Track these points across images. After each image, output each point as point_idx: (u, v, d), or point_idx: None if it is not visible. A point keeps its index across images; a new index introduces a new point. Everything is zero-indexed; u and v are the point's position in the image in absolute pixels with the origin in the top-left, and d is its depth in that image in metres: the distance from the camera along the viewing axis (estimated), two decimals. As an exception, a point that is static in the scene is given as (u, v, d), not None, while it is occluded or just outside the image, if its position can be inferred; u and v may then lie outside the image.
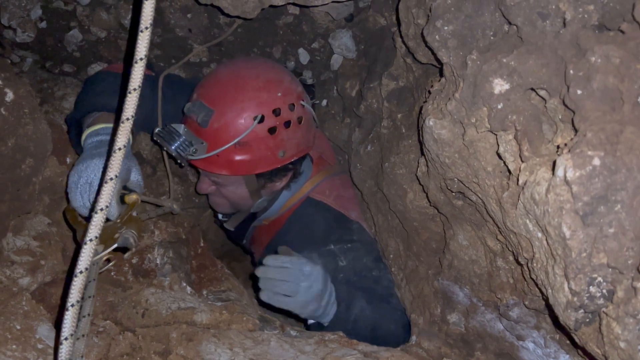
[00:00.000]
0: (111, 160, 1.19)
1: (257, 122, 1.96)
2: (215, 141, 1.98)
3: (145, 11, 1.15)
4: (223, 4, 2.06)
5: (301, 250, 2.16)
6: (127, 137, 1.20)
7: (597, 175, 1.09)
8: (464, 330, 1.90)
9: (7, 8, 2.42)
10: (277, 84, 2.05)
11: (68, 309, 1.15)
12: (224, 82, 2.03)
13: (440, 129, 1.57)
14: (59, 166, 1.91)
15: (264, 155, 2.04)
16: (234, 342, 1.65)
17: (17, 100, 1.65)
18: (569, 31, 1.23)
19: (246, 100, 1.97)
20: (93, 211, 1.20)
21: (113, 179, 1.20)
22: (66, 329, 1.15)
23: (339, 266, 2.19)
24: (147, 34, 1.16)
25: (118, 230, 1.59)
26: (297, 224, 2.33)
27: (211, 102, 1.98)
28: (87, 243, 1.18)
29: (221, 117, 1.96)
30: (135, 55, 1.17)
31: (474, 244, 1.80)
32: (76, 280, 1.16)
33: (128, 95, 1.18)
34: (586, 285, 1.15)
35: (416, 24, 1.82)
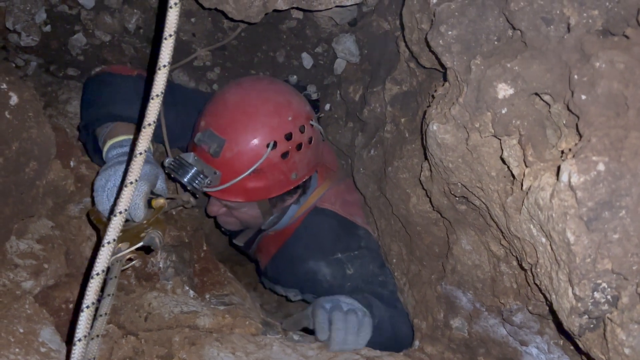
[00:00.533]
0: (132, 165, 1.20)
1: (270, 149, 1.95)
2: (229, 170, 1.96)
3: (170, 19, 1.16)
4: (227, 8, 2.06)
5: (309, 260, 2.22)
6: (148, 142, 1.21)
7: (601, 181, 1.08)
8: (467, 335, 1.90)
9: (12, 12, 2.42)
10: (287, 107, 2.04)
11: (83, 310, 1.14)
12: (234, 109, 2.00)
13: (444, 133, 1.57)
14: (62, 170, 1.91)
15: (278, 179, 2.05)
16: (237, 346, 1.65)
17: (22, 103, 1.65)
18: (573, 36, 1.23)
19: (258, 127, 1.96)
20: (112, 214, 1.21)
21: (133, 183, 1.20)
22: (80, 330, 1.14)
23: (347, 274, 2.21)
24: (171, 42, 1.18)
25: (145, 230, 1.60)
26: (304, 234, 2.32)
27: (222, 130, 1.95)
28: (105, 245, 1.18)
29: (234, 146, 1.94)
30: (159, 61, 1.18)
31: (477, 249, 1.79)
32: (92, 281, 1.16)
33: (151, 101, 1.19)
34: (590, 291, 1.15)
35: (420, 28, 1.82)
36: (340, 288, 2.18)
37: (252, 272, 3.26)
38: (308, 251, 2.26)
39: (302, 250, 2.28)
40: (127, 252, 1.53)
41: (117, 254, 1.50)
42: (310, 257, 2.23)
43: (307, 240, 2.30)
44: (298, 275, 2.32)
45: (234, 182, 1.95)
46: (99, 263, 1.17)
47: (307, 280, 2.29)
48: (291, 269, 2.34)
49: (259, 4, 2.04)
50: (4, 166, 1.57)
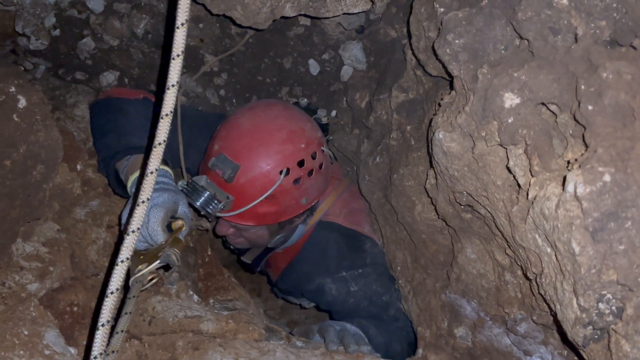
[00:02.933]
0: (143, 184, 1.21)
1: (283, 176, 1.99)
2: (242, 196, 2.00)
3: (177, 39, 1.17)
4: (235, 14, 2.07)
5: (316, 278, 2.28)
6: (159, 162, 1.22)
7: (607, 192, 1.08)
8: (471, 345, 1.89)
9: (21, 16, 2.44)
10: (300, 134, 2.08)
11: (99, 329, 1.14)
12: (248, 134, 2.03)
13: (450, 142, 1.57)
14: (69, 173, 1.92)
15: (289, 204, 2.09)
16: (240, 351, 1.65)
17: (30, 107, 1.66)
18: (581, 47, 1.23)
19: (272, 154, 2.00)
20: (125, 232, 1.21)
21: (145, 202, 1.21)
22: (96, 348, 1.14)
23: (350, 291, 2.26)
24: (179, 61, 1.19)
25: (162, 250, 1.62)
26: (311, 250, 2.37)
27: (236, 156, 1.99)
28: (118, 264, 1.19)
29: (248, 172, 1.98)
30: (167, 81, 1.19)
31: (482, 258, 1.79)
32: (107, 300, 1.16)
33: (160, 120, 1.20)
34: (595, 301, 1.14)
35: (427, 36, 1.83)
36: (344, 303, 2.25)
37: (256, 278, 3.27)
38: (315, 269, 2.31)
39: (310, 268, 2.34)
40: (147, 272, 1.55)
41: (136, 274, 1.52)
42: (317, 275, 2.29)
43: (314, 257, 2.35)
44: (306, 290, 2.38)
45: (247, 208, 2.00)
46: (114, 281, 1.17)
47: (314, 293, 2.35)
48: (300, 284, 2.40)
49: (267, 11, 2.05)
50: (12, 169, 1.58)
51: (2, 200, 1.56)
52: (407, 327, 2.26)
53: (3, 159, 1.56)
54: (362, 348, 1.93)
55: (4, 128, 1.57)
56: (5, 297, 1.51)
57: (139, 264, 1.56)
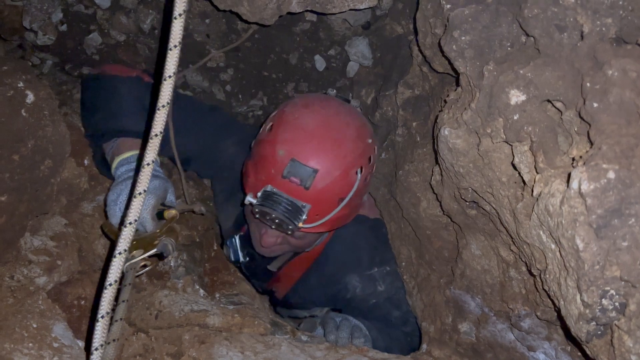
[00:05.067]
0: (140, 175, 1.20)
1: (359, 175, 1.87)
2: (319, 202, 1.85)
3: (175, 29, 1.17)
4: (242, 10, 2.08)
5: (344, 277, 2.20)
6: (155, 153, 1.21)
7: (611, 189, 1.09)
8: (475, 340, 1.90)
9: (29, 11, 2.45)
10: (366, 130, 1.98)
11: (98, 320, 1.15)
12: (318, 135, 1.86)
13: (456, 138, 1.58)
14: (76, 168, 1.93)
15: (357, 204, 2.00)
16: (246, 345, 1.66)
17: (38, 102, 1.67)
18: (587, 44, 1.24)
19: (348, 154, 1.86)
20: (122, 224, 1.21)
21: (142, 194, 1.21)
22: (97, 340, 1.15)
23: (377, 291, 2.19)
24: (177, 52, 1.18)
25: (158, 238, 1.62)
26: (336, 247, 2.23)
27: (309, 160, 1.82)
28: (116, 256, 1.19)
29: (326, 176, 1.83)
30: (164, 72, 1.19)
31: (486, 254, 1.80)
32: (106, 292, 1.16)
33: (157, 111, 1.20)
34: (598, 297, 1.15)
35: (433, 33, 1.83)
36: (364, 302, 2.19)
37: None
38: (342, 268, 2.19)
39: (335, 269, 2.20)
40: (140, 259, 1.56)
41: (130, 261, 1.53)
42: (344, 274, 2.17)
43: (341, 256, 2.21)
44: (327, 293, 2.26)
45: (331, 215, 1.85)
46: (112, 273, 1.18)
47: (335, 295, 2.23)
48: (322, 289, 2.26)
49: (273, 7, 2.06)
50: (20, 164, 1.59)
51: (11, 194, 1.57)
52: (415, 332, 2.22)
53: (11, 153, 1.57)
54: (355, 341, 1.90)
55: (13, 123, 1.58)
56: (14, 291, 1.52)
57: (133, 250, 1.56)
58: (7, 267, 1.58)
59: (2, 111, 1.56)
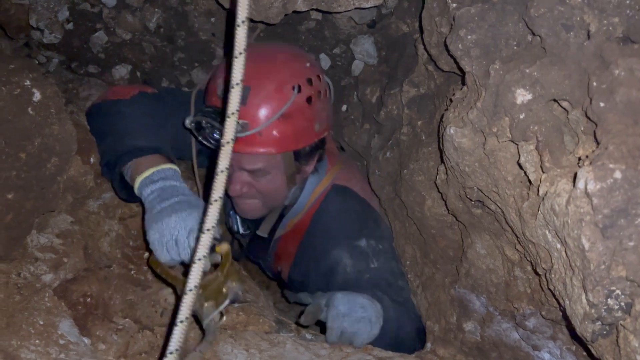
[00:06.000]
0: (208, 212, 1.20)
1: (296, 92, 1.91)
2: (257, 117, 1.89)
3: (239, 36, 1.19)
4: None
5: (332, 250, 2.13)
6: (223, 189, 1.22)
7: (618, 188, 1.09)
8: (480, 339, 1.90)
9: (35, 10, 2.46)
10: (303, 55, 2.06)
11: (167, 356, 1.15)
12: (253, 59, 1.87)
13: (461, 137, 1.58)
14: (82, 166, 1.93)
15: (305, 127, 1.98)
16: (250, 343, 1.67)
17: (44, 100, 1.67)
18: (593, 43, 1.24)
19: (281, 71, 1.93)
20: (192, 262, 1.20)
21: (210, 230, 1.22)
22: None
23: (370, 267, 2.12)
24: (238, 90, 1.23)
25: (224, 284, 1.59)
26: (324, 216, 2.23)
27: (246, 79, 1.86)
28: (187, 293, 1.18)
29: (260, 90, 1.89)
30: (227, 110, 1.22)
31: (492, 253, 1.80)
32: (176, 329, 1.16)
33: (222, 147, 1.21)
34: (604, 297, 1.15)
35: (439, 32, 1.83)
36: (357, 281, 2.10)
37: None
38: (330, 237, 2.16)
39: (323, 239, 2.18)
40: (217, 312, 1.54)
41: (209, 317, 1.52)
42: (333, 246, 2.13)
43: (328, 223, 2.21)
44: (321, 269, 2.21)
45: (267, 124, 1.88)
46: (183, 311, 1.17)
47: (328, 273, 2.19)
48: (315, 264, 2.24)
49: (278, 5, 2.06)
50: (27, 162, 1.59)
51: (18, 192, 1.57)
52: (418, 317, 2.18)
53: (18, 151, 1.57)
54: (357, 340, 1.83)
55: (19, 121, 1.59)
56: (21, 288, 1.53)
57: (203, 301, 1.52)
58: (14, 264, 1.58)
59: (9, 109, 1.57)
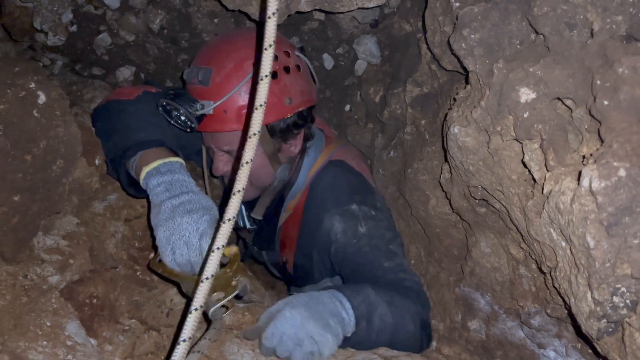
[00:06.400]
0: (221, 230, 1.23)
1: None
2: (219, 95, 1.95)
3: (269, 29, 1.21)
4: (250, 10, 2.08)
5: (325, 217, 2.10)
6: (237, 209, 1.24)
7: (622, 187, 1.09)
8: (485, 338, 1.91)
9: (39, 12, 2.47)
10: None
11: (179, 344, 1.16)
12: (215, 44, 2.06)
13: (465, 136, 1.58)
14: (87, 167, 1.93)
15: (271, 101, 1.96)
16: (257, 343, 1.67)
17: (49, 102, 1.68)
18: (597, 42, 1.24)
19: (241, 49, 1.97)
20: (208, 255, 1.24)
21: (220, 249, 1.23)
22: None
23: (358, 232, 2.06)
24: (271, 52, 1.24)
25: (233, 278, 1.61)
26: (317, 189, 2.20)
27: (207, 62, 1.98)
28: (203, 281, 1.21)
29: (221, 70, 1.96)
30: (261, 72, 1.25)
31: (496, 252, 1.80)
32: (190, 317, 1.18)
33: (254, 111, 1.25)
34: (609, 295, 1.15)
35: (442, 31, 1.83)
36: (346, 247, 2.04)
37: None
38: (322, 206, 2.14)
39: (317, 208, 2.16)
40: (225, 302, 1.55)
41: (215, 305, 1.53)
42: (325, 213, 2.11)
43: (321, 194, 2.18)
44: (318, 242, 2.17)
45: (224, 99, 1.92)
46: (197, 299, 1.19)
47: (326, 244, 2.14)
48: (313, 239, 2.20)
49: (282, 6, 2.06)
50: (32, 164, 1.60)
51: (24, 194, 1.58)
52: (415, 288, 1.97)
53: (24, 154, 1.58)
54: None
55: (25, 124, 1.60)
56: (28, 289, 1.53)
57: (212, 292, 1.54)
58: (21, 266, 1.59)
59: (14, 112, 1.57)
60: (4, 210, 1.53)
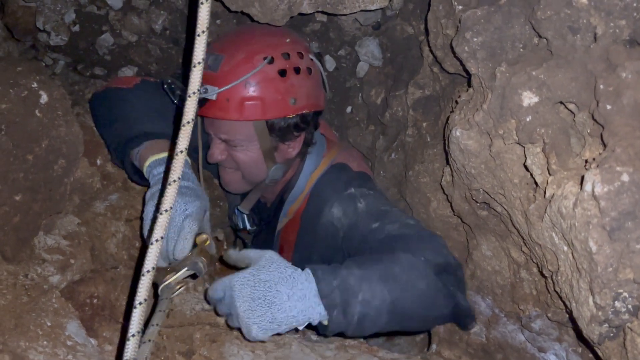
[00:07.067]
0: (166, 193, 1.21)
1: (266, 62, 1.95)
2: (225, 82, 1.95)
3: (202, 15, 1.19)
4: (253, 11, 2.08)
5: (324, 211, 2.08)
6: (181, 169, 1.23)
7: (625, 191, 1.09)
8: (485, 341, 1.90)
9: (42, 12, 2.47)
10: (285, 33, 2.11)
11: (129, 339, 1.15)
12: (232, 34, 2.09)
13: (467, 139, 1.58)
14: (89, 167, 1.94)
15: (274, 98, 1.99)
16: (256, 344, 1.68)
17: (51, 102, 1.68)
18: (600, 46, 1.24)
19: (255, 43, 1.99)
20: (149, 243, 1.21)
21: (168, 211, 1.21)
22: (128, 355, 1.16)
23: (358, 208, 2.03)
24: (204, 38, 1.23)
25: (189, 258, 1.61)
26: (318, 190, 2.19)
27: (220, 49, 1.99)
28: (144, 274, 1.19)
29: (232, 59, 1.96)
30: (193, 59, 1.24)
31: (497, 255, 1.80)
32: (136, 311, 1.17)
33: (188, 99, 1.23)
34: (611, 300, 1.15)
35: (445, 34, 1.83)
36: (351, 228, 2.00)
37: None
38: (321, 200, 2.12)
39: (318, 208, 2.13)
40: (174, 280, 1.55)
41: (164, 282, 1.52)
42: (324, 205, 2.09)
43: (322, 194, 2.16)
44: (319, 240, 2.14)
45: (228, 87, 1.93)
46: (140, 293, 1.17)
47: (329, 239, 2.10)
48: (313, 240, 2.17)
49: (284, 8, 2.06)
50: (34, 164, 1.60)
51: (25, 194, 1.58)
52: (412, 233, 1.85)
53: (26, 153, 1.58)
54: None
55: (27, 123, 1.60)
56: (29, 289, 1.53)
57: (166, 275, 1.55)
58: (22, 265, 1.59)
59: (16, 111, 1.58)
60: (6, 209, 1.53)
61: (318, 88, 2.14)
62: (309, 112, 2.08)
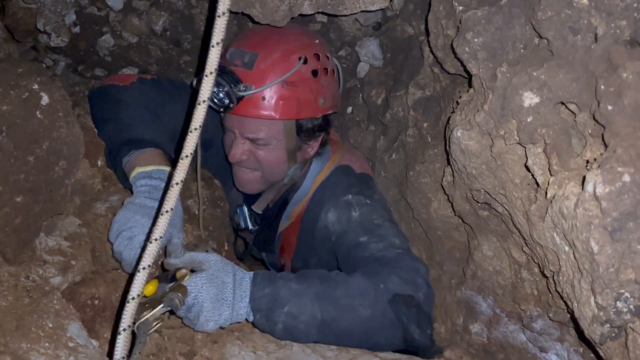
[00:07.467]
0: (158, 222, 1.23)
1: (302, 62, 1.99)
2: (261, 80, 1.96)
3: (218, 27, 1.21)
4: (254, 12, 2.08)
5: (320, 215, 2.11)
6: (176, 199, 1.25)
7: (626, 192, 1.09)
8: (486, 341, 1.90)
9: (42, 13, 2.47)
10: (312, 34, 2.16)
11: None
12: (263, 31, 2.08)
13: (468, 140, 1.58)
14: (90, 169, 1.94)
15: (308, 98, 2.03)
16: (258, 345, 1.67)
17: (52, 103, 1.68)
18: (601, 46, 1.24)
19: (290, 42, 2.02)
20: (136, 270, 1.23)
21: (157, 240, 1.23)
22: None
23: (352, 217, 2.03)
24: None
25: (166, 295, 1.60)
26: (319, 193, 2.21)
27: (253, 47, 1.99)
28: (129, 301, 1.22)
29: (267, 57, 1.97)
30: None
31: (498, 255, 1.80)
32: (119, 337, 1.19)
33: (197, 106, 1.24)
34: (613, 300, 1.15)
35: (445, 34, 1.83)
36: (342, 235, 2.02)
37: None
38: (320, 204, 2.14)
39: (316, 212, 2.15)
40: (151, 317, 1.54)
41: (141, 319, 1.52)
42: (321, 208, 2.11)
43: (321, 198, 2.18)
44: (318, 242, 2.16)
45: (268, 86, 1.94)
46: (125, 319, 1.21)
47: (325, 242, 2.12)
48: (312, 240, 2.18)
49: (285, 9, 2.06)
50: (35, 165, 1.60)
51: (26, 195, 1.58)
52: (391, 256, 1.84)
53: (27, 155, 1.58)
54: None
55: (28, 125, 1.60)
56: (30, 290, 1.53)
57: (143, 311, 1.51)
58: (23, 267, 1.59)
59: (17, 113, 1.58)
60: (7, 211, 1.53)
61: (338, 89, 2.20)
62: (331, 113, 2.15)
